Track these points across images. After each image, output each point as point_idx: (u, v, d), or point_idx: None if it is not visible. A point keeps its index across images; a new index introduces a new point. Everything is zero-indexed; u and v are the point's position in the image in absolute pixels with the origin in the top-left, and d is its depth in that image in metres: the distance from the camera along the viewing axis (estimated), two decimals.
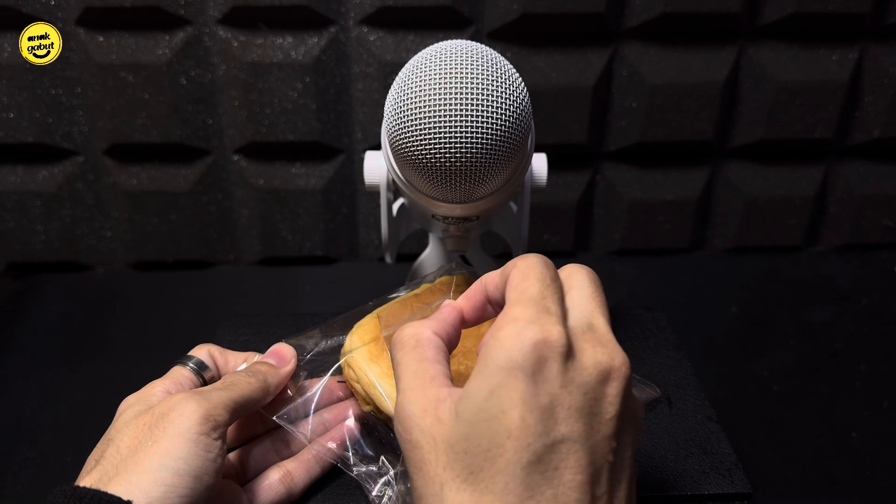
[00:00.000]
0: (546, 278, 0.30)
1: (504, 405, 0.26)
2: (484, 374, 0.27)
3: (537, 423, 0.26)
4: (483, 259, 0.60)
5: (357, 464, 0.39)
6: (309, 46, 0.66)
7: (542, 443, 0.26)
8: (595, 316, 0.30)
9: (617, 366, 0.28)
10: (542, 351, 0.27)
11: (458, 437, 0.27)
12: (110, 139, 0.68)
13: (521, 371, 0.26)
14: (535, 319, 0.27)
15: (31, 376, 0.59)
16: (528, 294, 0.29)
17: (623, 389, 0.28)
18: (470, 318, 0.34)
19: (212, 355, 0.40)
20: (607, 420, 0.27)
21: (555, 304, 0.29)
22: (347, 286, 0.73)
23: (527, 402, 0.26)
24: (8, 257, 0.73)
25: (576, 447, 0.26)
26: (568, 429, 0.26)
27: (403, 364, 0.31)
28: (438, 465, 0.27)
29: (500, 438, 0.26)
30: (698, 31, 0.68)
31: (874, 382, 0.59)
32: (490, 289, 0.33)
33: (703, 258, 0.79)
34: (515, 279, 0.30)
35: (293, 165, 0.71)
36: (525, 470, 0.26)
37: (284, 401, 0.41)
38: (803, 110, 0.71)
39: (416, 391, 0.29)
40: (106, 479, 0.30)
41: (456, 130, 0.36)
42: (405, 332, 0.32)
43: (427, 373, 0.30)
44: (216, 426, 0.33)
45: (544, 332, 0.27)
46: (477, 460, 0.26)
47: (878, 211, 0.78)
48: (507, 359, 0.27)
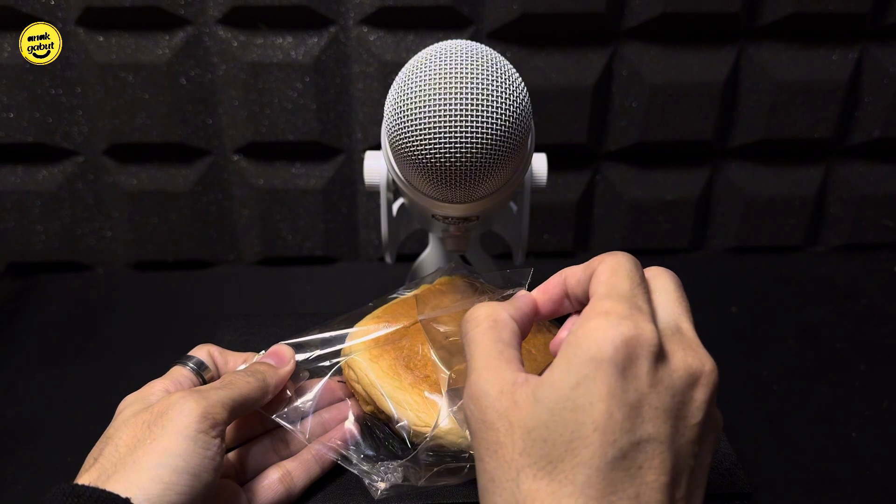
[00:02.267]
0: (636, 276, 0.29)
1: (592, 397, 0.26)
2: (572, 364, 0.26)
3: (624, 420, 0.25)
4: (483, 259, 0.60)
5: (359, 462, 0.39)
6: (309, 46, 0.66)
7: (628, 440, 0.25)
8: (682, 319, 0.29)
9: (707, 371, 0.28)
10: (633, 348, 0.26)
11: (537, 423, 0.26)
12: (110, 139, 0.68)
13: (611, 365, 0.26)
14: (627, 315, 0.27)
15: (31, 376, 0.59)
16: (618, 289, 0.29)
17: (710, 396, 0.28)
18: (545, 310, 0.33)
19: (211, 355, 0.40)
20: (692, 425, 0.27)
21: (645, 303, 0.28)
22: (347, 286, 0.73)
23: (615, 396, 0.26)
24: (8, 257, 0.73)
25: (661, 448, 0.26)
26: (655, 429, 0.26)
27: (478, 342, 0.30)
28: (515, 449, 0.26)
29: (584, 430, 0.25)
30: (698, 31, 0.68)
31: (874, 382, 0.58)
32: (571, 282, 0.32)
33: (703, 258, 0.79)
34: (604, 273, 0.30)
35: (293, 165, 0.71)
36: (609, 465, 0.25)
37: (284, 401, 0.41)
38: (803, 110, 0.71)
39: (492, 371, 0.28)
40: (104, 477, 0.30)
41: (456, 130, 0.36)
42: (481, 310, 0.31)
43: (503, 354, 0.29)
44: (215, 424, 0.33)
45: (637, 328, 0.27)
46: (557, 449, 0.26)
47: (878, 211, 0.78)
48: (597, 350, 0.26)
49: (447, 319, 0.42)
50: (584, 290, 0.31)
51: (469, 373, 0.30)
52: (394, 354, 0.41)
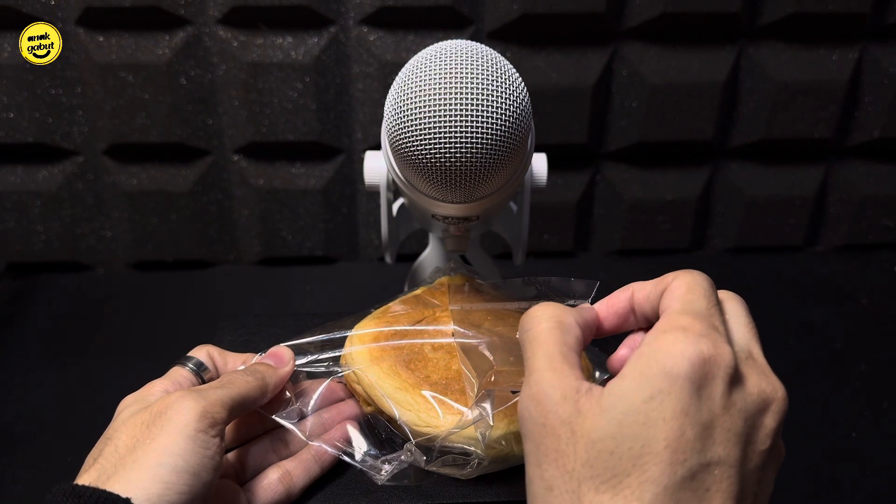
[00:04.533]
0: (712, 296, 0.29)
1: (665, 412, 0.25)
2: (646, 377, 0.26)
3: (696, 440, 0.25)
4: (483, 259, 0.60)
5: (362, 457, 0.39)
6: (309, 46, 0.66)
7: (698, 460, 0.25)
8: (752, 345, 0.29)
9: (779, 398, 0.27)
10: (710, 367, 0.26)
11: (603, 434, 0.25)
12: (110, 139, 0.68)
13: (687, 381, 0.25)
14: (706, 334, 0.26)
15: (31, 376, 0.59)
16: (695, 307, 0.28)
17: (779, 424, 0.27)
18: (609, 324, 0.32)
19: (211, 356, 0.40)
20: (761, 451, 0.27)
21: (721, 323, 0.28)
22: (347, 286, 0.73)
23: (689, 414, 0.25)
24: (8, 257, 0.73)
25: (730, 472, 0.25)
26: (725, 452, 0.25)
27: (541, 341, 0.29)
28: (577, 460, 0.26)
29: (656, 446, 0.25)
30: (698, 31, 0.68)
31: (874, 382, 0.58)
32: (639, 297, 0.31)
33: (703, 258, 0.79)
34: (679, 289, 0.29)
35: (293, 165, 0.71)
36: (677, 485, 0.24)
37: (283, 401, 0.41)
38: (803, 110, 0.71)
39: (556, 374, 0.28)
40: (104, 477, 0.30)
41: (456, 130, 0.36)
42: (546, 309, 0.30)
43: (567, 358, 0.28)
44: (214, 423, 0.33)
45: (716, 348, 0.26)
46: (623, 463, 0.25)
47: (878, 211, 0.78)
48: (674, 365, 0.25)
49: (479, 316, 0.42)
50: (653, 306, 0.30)
51: (529, 372, 0.29)
52: (394, 355, 0.41)
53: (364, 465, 0.39)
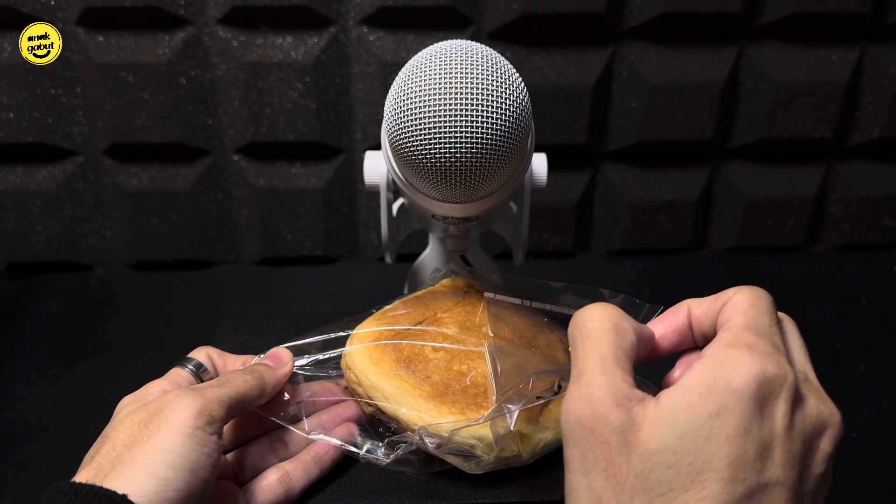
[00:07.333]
0: (774, 314, 0.29)
1: (729, 429, 0.25)
2: (712, 391, 0.25)
3: (756, 459, 0.25)
4: (483, 259, 0.60)
5: (365, 453, 0.39)
6: (309, 46, 0.66)
7: (757, 480, 0.25)
8: (807, 367, 0.29)
9: (835, 423, 0.27)
10: (774, 387, 0.26)
11: (662, 446, 0.25)
12: (110, 139, 0.68)
13: (753, 400, 0.25)
14: (771, 353, 0.26)
15: (31, 376, 0.59)
16: (758, 323, 0.28)
17: (834, 448, 0.27)
18: (668, 342, 0.31)
19: (210, 357, 0.40)
20: (816, 475, 0.26)
21: (782, 343, 0.28)
22: (347, 286, 0.73)
23: (751, 433, 0.25)
24: (8, 257, 0.73)
25: (787, 494, 0.25)
26: (784, 473, 0.25)
27: (595, 341, 0.28)
28: (631, 472, 0.25)
29: (718, 463, 0.24)
30: (698, 31, 0.68)
31: (874, 382, 0.58)
32: (697, 312, 0.31)
33: (703, 258, 0.79)
34: (742, 304, 0.29)
35: (293, 165, 0.71)
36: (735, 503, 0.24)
37: (283, 402, 0.41)
38: (803, 110, 0.71)
39: (610, 378, 0.27)
40: (102, 474, 0.30)
41: (456, 130, 0.36)
42: (603, 310, 0.29)
43: (621, 364, 0.27)
44: (211, 420, 0.33)
45: (781, 369, 0.26)
46: (682, 478, 0.24)
47: (878, 211, 0.78)
48: (740, 382, 0.25)
49: (508, 313, 0.41)
50: (711, 322, 0.30)
51: (579, 372, 0.28)
52: (394, 356, 0.41)
53: (368, 453, 0.39)
